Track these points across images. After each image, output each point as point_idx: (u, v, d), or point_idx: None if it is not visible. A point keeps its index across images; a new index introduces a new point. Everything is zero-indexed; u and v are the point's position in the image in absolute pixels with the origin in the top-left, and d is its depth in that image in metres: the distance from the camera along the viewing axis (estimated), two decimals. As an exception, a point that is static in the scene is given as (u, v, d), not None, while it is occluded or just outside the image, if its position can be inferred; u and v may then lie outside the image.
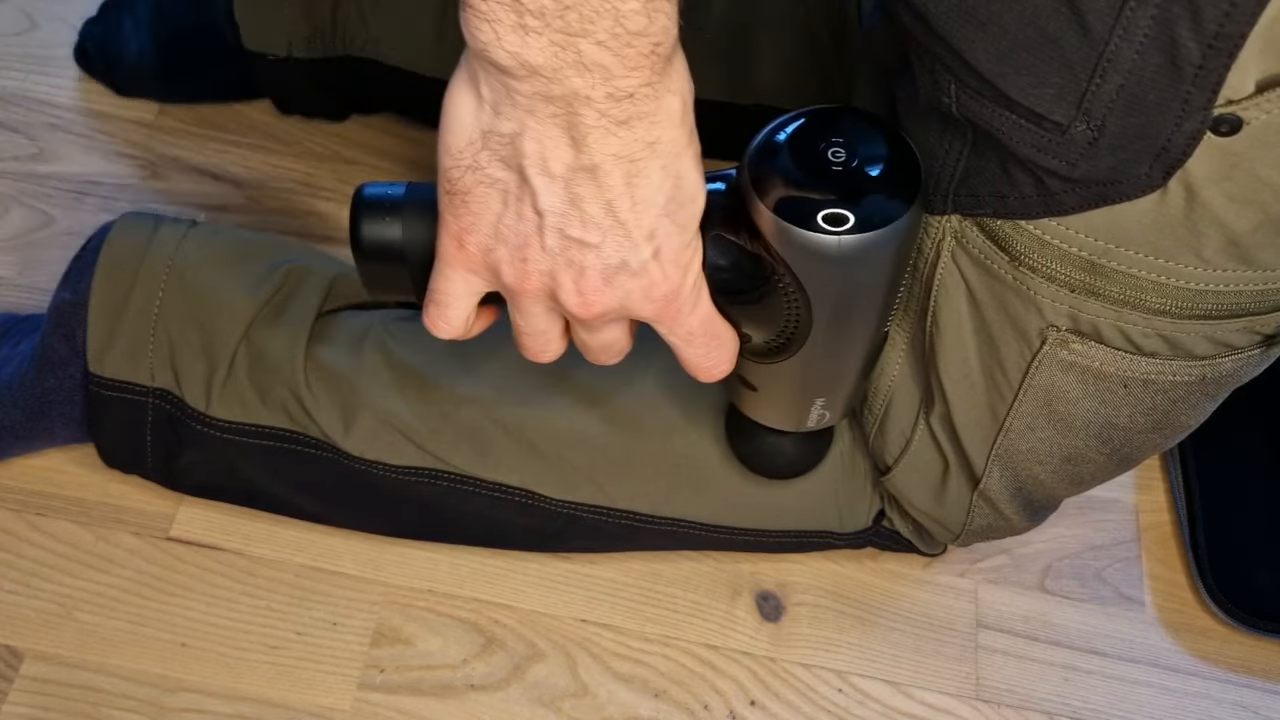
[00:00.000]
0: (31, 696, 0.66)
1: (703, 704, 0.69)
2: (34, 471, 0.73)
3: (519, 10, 0.36)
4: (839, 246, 0.45)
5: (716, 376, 0.51)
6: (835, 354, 0.52)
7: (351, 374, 0.67)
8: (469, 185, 0.43)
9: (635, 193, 0.41)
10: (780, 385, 0.55)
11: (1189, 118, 0.42)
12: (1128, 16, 0.40)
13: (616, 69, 0.37)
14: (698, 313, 0.47)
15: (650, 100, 0.39)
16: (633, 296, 0.45)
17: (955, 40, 0.44)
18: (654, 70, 0.38)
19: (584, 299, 0.44)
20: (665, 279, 0.44)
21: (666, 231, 0.43)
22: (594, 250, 0.43)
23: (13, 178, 0.85)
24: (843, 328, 0.50)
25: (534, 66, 0.37)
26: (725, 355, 0.50)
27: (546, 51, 0.37)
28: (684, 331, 0.48)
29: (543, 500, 0.68)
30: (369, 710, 0.67)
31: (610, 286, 0.44)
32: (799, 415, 0.58)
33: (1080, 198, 0.46)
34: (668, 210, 0.42)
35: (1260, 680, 0.72)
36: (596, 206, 0.41)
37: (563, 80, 0.37)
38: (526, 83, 0.38)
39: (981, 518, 0.64)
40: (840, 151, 0.46)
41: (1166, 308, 0.49)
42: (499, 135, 0.41)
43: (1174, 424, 0.55)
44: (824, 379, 0.55)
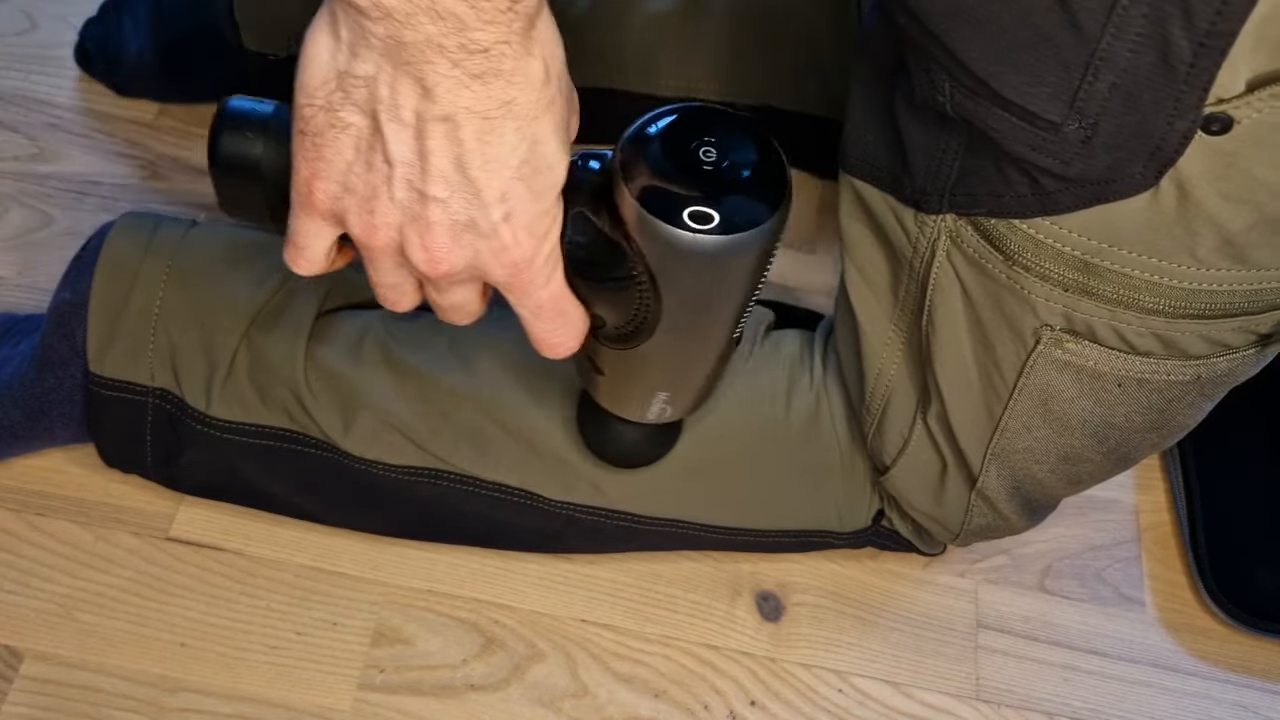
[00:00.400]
0: (31, 696, 0.66)
1: (703, 704, 0.69)
2: (34, 471, 0.73)
3: None
4: (697, 244, 0.44)
5: (561, 354, 0.50)
6: (681, 351, 0.52)
7: (351, 374, 0.67)
8: (320, 127, 0.42)
9: (487, 150, 0.40)
10: (625, 373, 0.55)
11: (1181, 116, 0.42)
12: (1120, 15, 0.40)
13: (471, 20, 0.37)
14: (549, 287, 0.47)
15: (508, 59, 0.38)
16: (481, 257, 0.44)
17: (950, 39, 0.44)
18: (511, 28, 0.38)
19: (430, 255, 0.44)
20: (516, 244, 0.44)
21: (519, 195, 0.42)
22: (441, 205, 0.42)
23: (13, 178, 0.85)
24: (691, 326, 0.50)
25: (387, 8, 0.37)
26: (572, 334, 0.50)
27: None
28: (532, 304, 0.47)
29: (542, 501, 0.68)
30: (369, 710, 0.67)
31: (457, 245, 0.43)
32: (641, 405, 0.58)
33: (1074, 197, 0.46)
34: (521, 174, 0.42)
35: (1260, 680, 0.72)
36: (446, 160, 0.41)
37: (415, 25, 0.37)
38: (381, 24, 0.38)
39: (980, 517, 0.64)
40: (711, 151, 0.45)
41: (1161, 307, 0.49)
42: (354, 77, 0.40)
43: (1171, 423, 0.55)
44: (668, 373, 0.54)
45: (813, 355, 0.70)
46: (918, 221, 0.54)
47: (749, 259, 0.46)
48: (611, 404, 0.59)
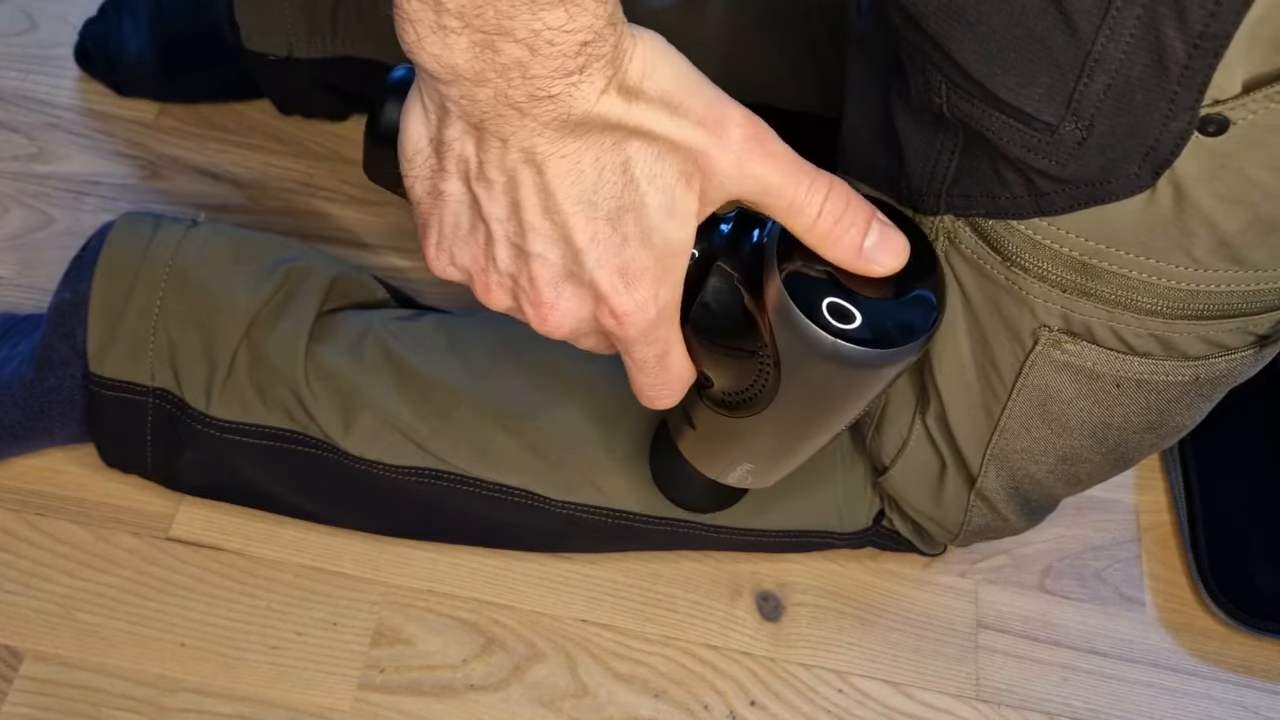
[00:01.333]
0: (31, 696, 0.66)
1: (703, 704, 0.69)
2: (34, 471, 0.73)
3: (438, 9, 0.35)
4: (832, 347, 0.42)
5: (656, 407, 0.49)
6: (786, 435, 0.51)
7: (352, 373, 0.67)
8: (421, 197, 0.43)
9: (572, 193, 0.40)
10: (718, 437, 0.54)
11: (1176, 117, 0.42)
12: (1114, 16, 0.40)
13: (536, 68, 0.36)
14: (658, 344, 0.45)
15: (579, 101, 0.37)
16: (586, 308, 0.43)
17: (944, 40, 0.44)
18: (583, 70, 0.37)
19: (540, 313, 0.44)
20: (615, 293, 0.42)
21: (611, 239, 0.41)
22: (539, 259, 0.42)
23: (13, 178, 0.85)
24: (804, 417, 0.48)
25: (457, 69, 0.37)
26: (674, 394, 0.49)
27: (468, 53, 0.36)
28: (637, 357, 0.46)
29: (543, 501, 0.68)
30: (369, 710, 0.67)
31: (562, 298, 0.43)
32: (722, 469, 0.57)
33: (1070, 198, 0.46)
34: (608, 213, 0.40)
35: (1260, 680, 0.72)
36: (534, 211, 0.40)
37: (486, 81, 0.37)
38: (454, 87, 0.38)
39: (979, 517, 0.64)
40: None
41: (1159, 308, 0.49)
42: (444, 143, 0.40)
43: (1169, 424, 0.55)
44: (764, 451, 0.53)
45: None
46: (915, 222, 0.54)
47: (883, 374, 0.44)
48: (693, 456, 0.58)
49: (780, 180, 0.41)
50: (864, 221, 0.42)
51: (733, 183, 0.41)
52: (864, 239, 0.42)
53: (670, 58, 0.40)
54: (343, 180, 0.87)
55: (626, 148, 0.39)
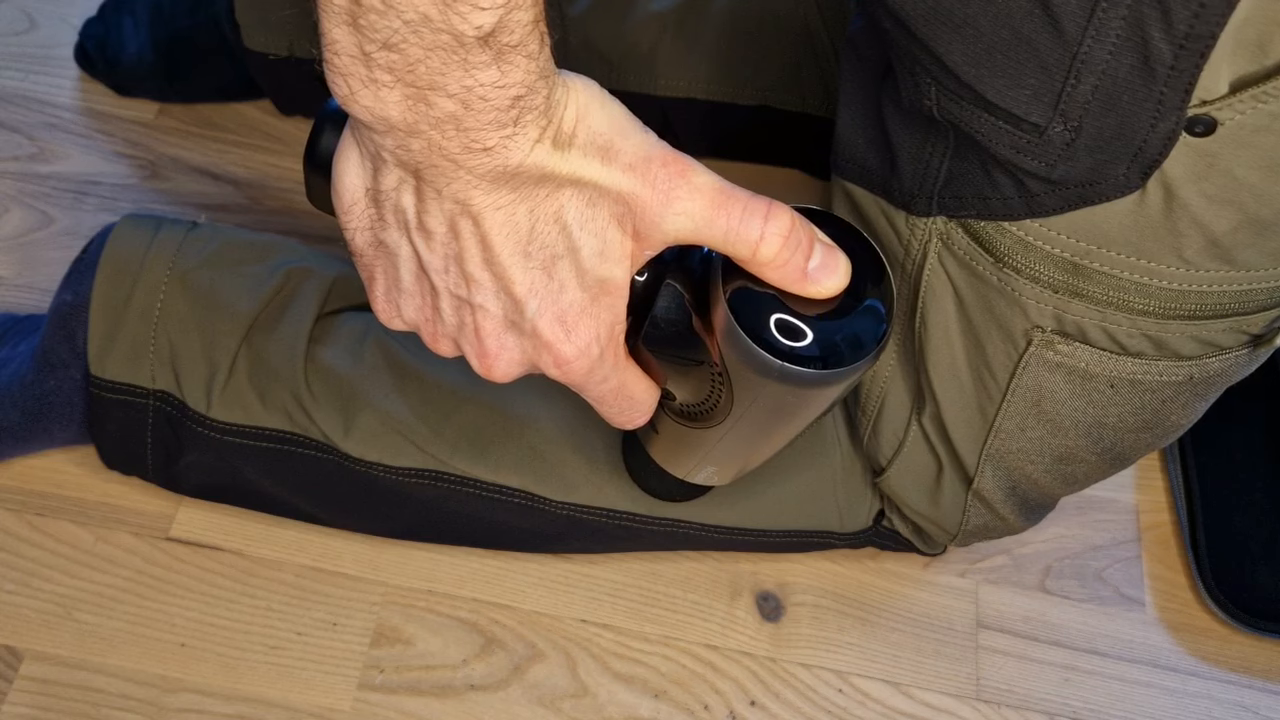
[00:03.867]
0: (31, 696, 0.66)
1: (703, 704, 0.69)
2: (34, 472, 0.73)
3: (369, 64, 0.35)
4: (780, 370, 0.41)
5: (629, 428, 0.50)
6: (743, 443, 0.51)
7: (352, 375, 0.67)
8: (362, 248, 0.43)
9: (509, 244, 0.39)
10: (681, 442, 0.54)
11: (1164, 118, 0.42)
12: (1100, 18, 0.40)
13: (469, 121, 0.36)
14: (611, 379, 0.45)
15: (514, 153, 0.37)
16: (529, 356, 0.43)
17: (933, 43, 0.44)
18: (517, 123, 0.36)
19: (485, 363, 0.44)
20: (558, 341, 0.42)
21: (548, 288, 0.41)
22: (481, 310, 0.42)
23: (13, 178, 0.85)
24: (758, 429, 0.48)
25: (390, 121, 0.36)
26: (640, 414, 0.49)
27: (400, 105, 0.36)
28: (594, 394, 0.46)
29: (543, 502, 0.68)
30: (369, 710, 0.67)
31: (504, 349, 0.43)
32: (688, 470, 0.57)
33: (1060, 199, 0.46)
34: (542, 262, 0.40)
35: (1260, 680, 0.72)
36: (474, 263, 0.40)
37: (419, 133, 0.36)
38: (388, 137, 0.37)
39: (978, 518, 0.64)
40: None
41: (1150, 308, 0.49)
42: (380, 193, 0.40)
43: (1164, 424, 0.55)
44: (724, 457, 0.54)
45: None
46: (909, 224, 0.54)
47: (830, 392, 0.44)
48: (659, 458, 0.59)
49: (710, 213, 0.40)
50: (806, 245, 0.41)
51: (666, 222, 0.40)
52: (807, 262, 0.41)
53: (604, 102, 0.39)
54: (343, 180, 0.87)
55: (559, 196, 0.39)
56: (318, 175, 0.46)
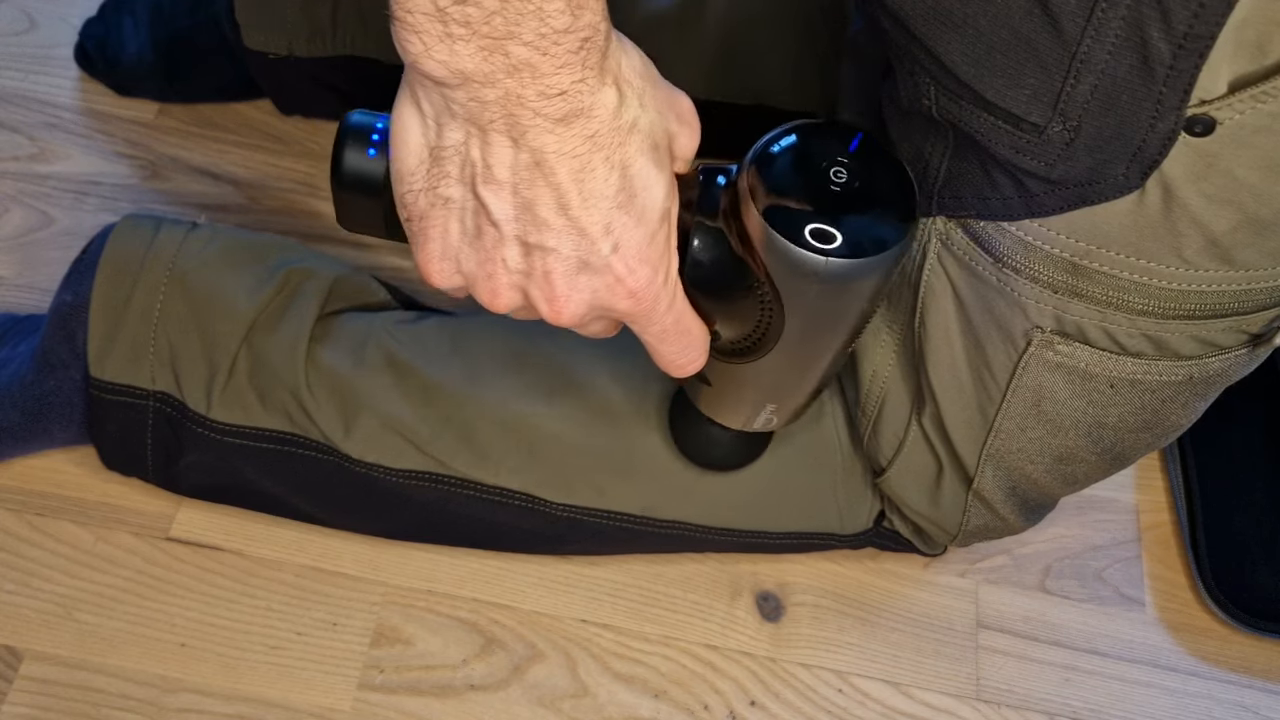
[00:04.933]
0: (31, 696, 0.66)
1: (703, 704, 0.69)
2: (34, 472, 0.73)
3: (444, 19, 0.36)
4: (824, 265, 0.44)
5: (688, 373, 0.51)
6: (797, 366, 0.52)
7: (353, 376, 0.67)
8: (424, 209, 0.43)
9: (583, 187, 0.41)
10: (736, 385, 0.55)
11: (1163, 118, 0.42)
12: (1099, 18, 0.40)
13: (545, 67, 0.37)
14: (672, 311, 0.47)
15: (586, 95, 0.39)
16: (600, 295, 0.44)
17: (931, 43, 0.44)
18: (585, 65, 0.38)
19: (554, 307, 0.44)
20: (631, 274, 0.44)
21: (623, 224, 0.42)
22: (553, 254, 0.42)
23: (13, 178, 0.85)
24: (810, 342, 0.50)
25: (465, 73, 0.37)
26: (698, 352, 0.50)
27: (476, 57, 0.37)
28: (657, 329, 0.47)
29: (543, 504, 0.68)
30: (369, 710, 0.67)
31: (575, 289, 0.44)
32: (747, 416, 0.58)
33: (1059, 199, 0.46)
34: (618, 202, 0.42)
35: (1260, 680, 0.72)
36: (547, 208, 0.41)
37: (495, 83, 0.37)
38: (461, 90, 0.38)
39: (978, 518, 0.64)
40: (842, 171, 0.45)
41: (1150, 308, 0.49)
42: (445, 149, 0.41)
43: (1164, 424, 0.55)
44: (780, 387, 0.54)
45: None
46: None
47: (872, 282, 0.46)
48: (716, 413, 0.59)
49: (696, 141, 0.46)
50: None
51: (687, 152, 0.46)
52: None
53: (627, 48, 0.41)
54: (343, 180, 0.87)
55: (625, 138, 0.41)
56: (350, 193, 0.47)
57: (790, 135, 0.46)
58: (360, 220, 0.49)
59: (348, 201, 0.48)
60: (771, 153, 0.46)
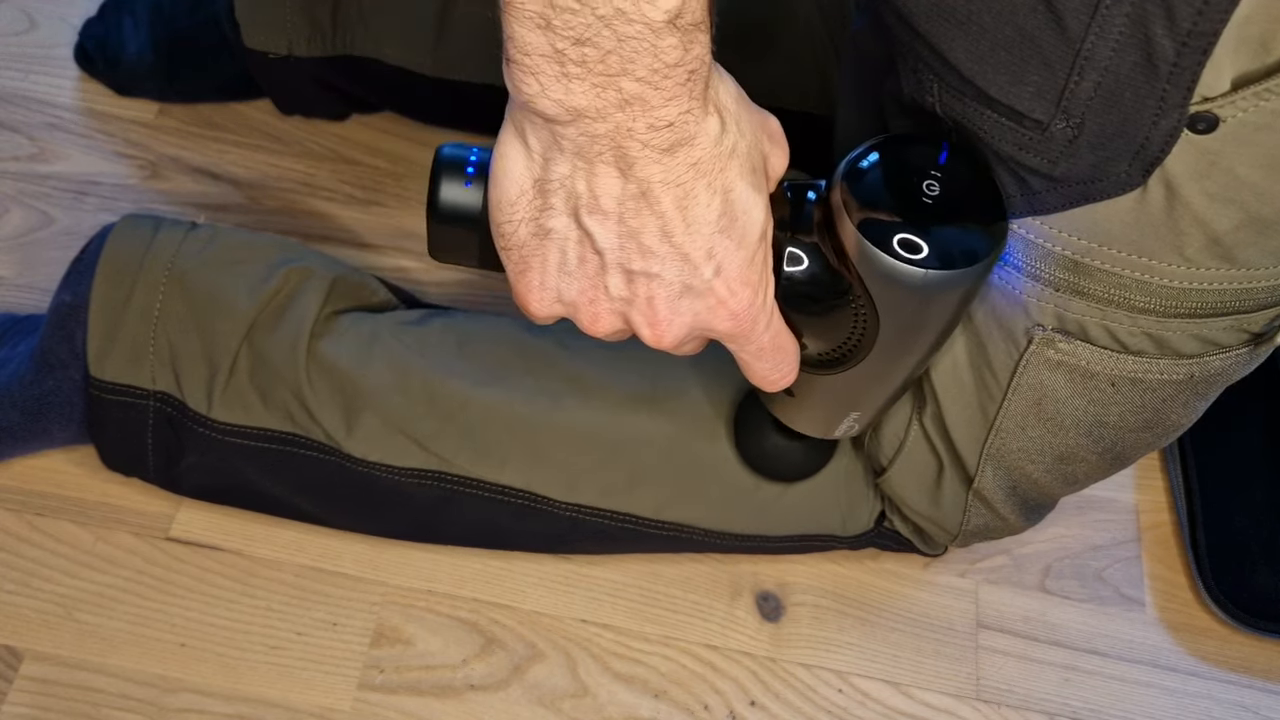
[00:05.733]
0: (31, 696, 0.66)
1: (703, 704, 0.69)
2: (34, 472, 0.73)
3: (561, 60, 0.37)
4: (923, 279, 0.45)
5: (780, 387, 0.51)
6: (885, 374, 0.53)
7: (355, 375, 0.67)
8: (524, 239, 0.43)
9: (687, 214, 0.41)
10: (822, 396, 0.56)
11: (1166, 115, 0.42)
12: (1103, 15, 0.40)
13: (655, 100, 0.38)
14: (770, 329, 0.48)
15: (691, 124, 0.39)
16: (702, 318, 0.45)
17: (935, 39, 0.44)
18: (691, 96, 0.39)
19: (656, 331, 0.45)
20: (733, 296, 0.45)
21: (725, 249, 0.43)
22: (657, 280, 0.43)
23: (13, 178, 0.85)
24: (900, 352, 0.51)
25: (579, 110, 0.38)
26: (790, 368, 0.51)
27: (589, 94, 0.37)
28: (754, 348, 0.48)
29: (546, 503, 0.68)
30: (369, 710, 0.67)
31: (677, 314, 0.45)
32: (830, 424, 0.59)
33: (1062, 196, 0.47)
34: (721, 227, 0.42)
35: (1260, 680, 0.72)
36: (652, 236, 0.42)
37: (606, 117, 0.38)
38: (572, 126, 0.39)
39: (978, 518, 0.64)
40: (934, 184, 0.46)
41: (1151, 306, 0.49)
42: (550, 182, 0.41)
43: (1165, 423, 0.55)
44: (866, 395, 0.55)
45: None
46: None
47: (962, 292, 0.47)
48: (798, 423, 0.60)
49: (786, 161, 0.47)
50: None
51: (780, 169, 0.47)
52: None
53: (723, 74, 0.42)
54: (342, 180, 0.87)
55: (726, 164, 0.42)
56: (446, 224, 0.48)
57: (880, 148, 0.47)
58: (454, 251, 0.50)
59: (443, 233, 0.49)
60: (862, 167, 0.47)
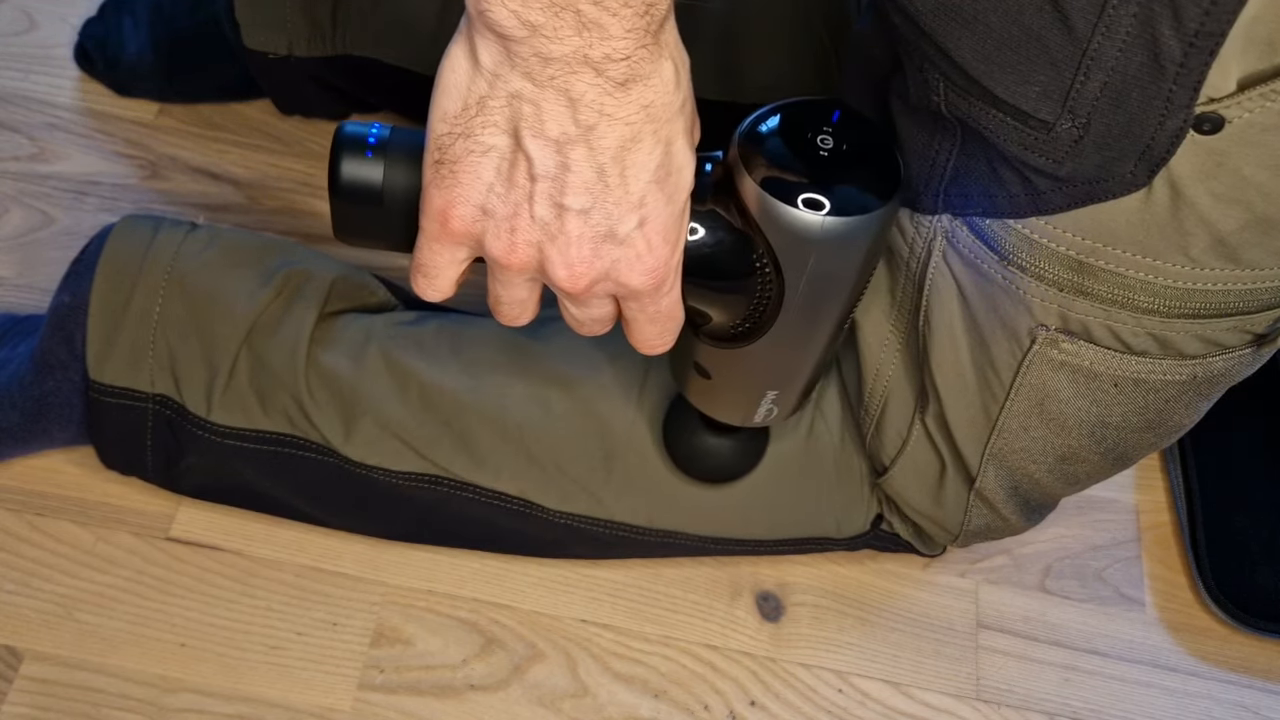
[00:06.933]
0: (31, 696, 0.66)
1: (703, 704, 0.69)
2: (34, 472, 0.73)
3: None
4: (820, 227, 0.46)
5: (658, 352, 0.51)
6: (796, 343, 0.53)
7: (353, 379, 0.67)
8: (459, 154, 0.42)
9: (627, 157, 0.41)
10: (737, 373, 0.55)
11: (1172, 116, 0.42)
12: (1110, 15, 0.40)
13: (613, 28, 0.37)
14: (672, 293, 0.47)
15: (646, 63, 0.39)
16: (619, 267, 0.44)
17: (941, 38, 0.44)
18: (648, 31, 0.38)
19: (571, 270, 0.44)
20: (651, 251, 0.44)
21: (655, 200, 0.43)
22: (582, 217, 0.42)
23: (13, 178, 0.85)
24: (809, 315, 0.51)
25: (534, 25, 0.37)
26: (673, 335, 0.50)
27: (547, 11, 0.37)
28: (653, 310, 0.47)
29: (540, 510, 0.68)
30: (369, 710, 0.67)
31: (596, 257, 0.43)
32: (748, 408, 0.58)
33: (1067, 196, 0.46)
34: (657, 178, 0.42)
35: (1260, 680, 0.72)
36: (589, 170, 0.41)
37: (562, 39, 0.37)
38: (526, 44, 0.38)
39: (979, 518, 0.64)
40: (828, 139, 0.47)
41: (1155, 307, 0.49)
42: (496, 99, 0.40)
43: (1167, 423, 0.55)
44: (781, 369, 0.55)
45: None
46: (914, 221, 0.54)
47: (865, 243, 0.47)
48: (716, 409, 0.59)
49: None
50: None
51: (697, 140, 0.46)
52: None
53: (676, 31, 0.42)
54: (343, 180, 0.87)
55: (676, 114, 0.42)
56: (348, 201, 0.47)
57: (775, 113, 0.48)
58: (359, 231, 0.49)
59: (346, 211, 0.48)
60: (759, 129, 0.47)
